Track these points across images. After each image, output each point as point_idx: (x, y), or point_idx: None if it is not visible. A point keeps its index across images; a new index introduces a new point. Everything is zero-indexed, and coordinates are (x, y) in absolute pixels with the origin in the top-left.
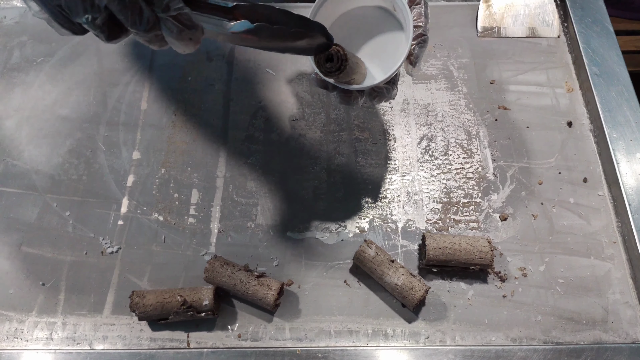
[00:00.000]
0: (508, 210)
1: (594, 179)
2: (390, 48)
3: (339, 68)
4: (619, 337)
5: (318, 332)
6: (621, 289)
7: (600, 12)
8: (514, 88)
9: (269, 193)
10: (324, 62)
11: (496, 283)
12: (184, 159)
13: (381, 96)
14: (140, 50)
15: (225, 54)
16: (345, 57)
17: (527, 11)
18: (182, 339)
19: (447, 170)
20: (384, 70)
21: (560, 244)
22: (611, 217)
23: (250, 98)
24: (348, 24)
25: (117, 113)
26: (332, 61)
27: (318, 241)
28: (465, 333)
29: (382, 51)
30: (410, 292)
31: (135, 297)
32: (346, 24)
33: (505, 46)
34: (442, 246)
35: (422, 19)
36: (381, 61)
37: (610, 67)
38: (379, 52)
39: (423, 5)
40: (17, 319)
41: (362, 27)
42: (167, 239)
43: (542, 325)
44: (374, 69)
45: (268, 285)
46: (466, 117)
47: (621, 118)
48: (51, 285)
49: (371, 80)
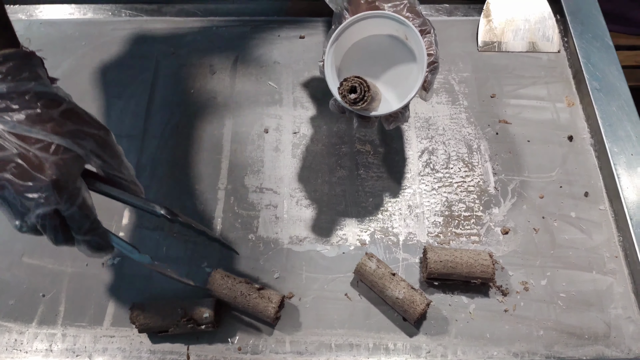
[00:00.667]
0: (509, 223)
1: (595, 193)
2: (404, 74)
3: (363, 98)
4: (621, 352)
5: (318, 346)
6: (623, 304)
7: (600, 27)
8: (515, 102)
9: (270, 205)
10: (347, 94)
11: (498, 297)
12: (186, 171)
13: (397, 120)
14: (144, 63)
15: (228, 68)
16: (367, 87)
17: (527, 26)
18: (182, 352)
19: (448, 183)
20: (399, 96)
21: (562, 258)
22: (613, 232)
23: (252, 110)
24: (362, 51)
25: (120, 125)
26: (356, 92)
27: (319, 254)
28: (467, 347)
29: (396, 77)
30: (411, 305)
31: (135, 309)
32: (360, 51)
33: (505, 60)
34: (443, 259)
35: (433, 47)
36: (395, 87)
37: (610, 82)
38: (392, 79)
39: (433, 35)
40: (16, 330)
41: (376, 54)
42: (168, 250)
43: (544, 340)
44: (388, 95)
45: (269, 297)
46: (467, 130)
47: (622, 132)
48: (51, 296)
49: (387, 106)
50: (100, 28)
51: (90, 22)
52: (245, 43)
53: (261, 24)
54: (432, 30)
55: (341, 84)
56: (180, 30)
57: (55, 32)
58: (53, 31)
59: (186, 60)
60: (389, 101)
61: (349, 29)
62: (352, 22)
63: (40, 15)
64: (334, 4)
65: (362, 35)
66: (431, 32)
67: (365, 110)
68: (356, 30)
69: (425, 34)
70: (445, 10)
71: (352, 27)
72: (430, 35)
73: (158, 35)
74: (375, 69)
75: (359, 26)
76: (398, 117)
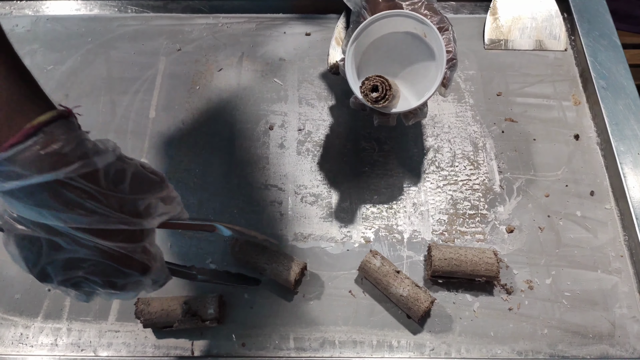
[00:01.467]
0: (514, 222)
1: (601, 192)
2: (422, 71)
3: (384, 97)
4: (625, 351)
5: (322, 342)
6: (628, 303)
7: (608, 25)
8: (521, 100)
9: (275, 202)
10: (369, 92)
11: (502, 295)
12: (191, 167)
13: (416, 116)
14: (149, 59)
15: (233, 64)
16: (389, 86)
17: (534, 24)
18: (186, 347)
19: (454, 181)
20: (418, 93)
21: (567, 257)
22: (618, 231)
23: (258, 107)
24: (381, 48)
25: (125, 121)
26: (377, 91)
27: (323, 251)
28: (471, 345)
29: (414, 75)
30: (415, 303)
31: (140, 304)
32: (379, 48)
33: (512, 59)
34: (448, 257)
35: (451, 44)
36: (413, 85)
37: (617, 81)
38: (411, 76)
39: (451, 32)
40: (22, 324)
41: (394, 51)
42: (174, 246)
43: (548, 339)
44: (407, 92)
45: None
46: (473, 128)
47: (628, 131)
48: (57, 290)
49: (406, 103)
50: (106, 24)
51: (96, 18)
52: (251, 40)
53: (267, 20)
54: (450, 27)
55: (363, 83)
56: (186, 26)
57: (61, 28)
58: (59, 27)
59: (192, 57)
60: (407, 98)
61: (368, 28)
62: (372, 22)
63: (47, 11)
64: (352, 3)
65: (381, 33)
66: (449, 29)
67: (386, 107)
68: (375, 29)
69: (443, 31)
70: (452, 8)
71: (371, 26)
72: (448, 32)
73: (164, 31)
74: (394, 67)
75: (378, 25)
76: (417, 114)
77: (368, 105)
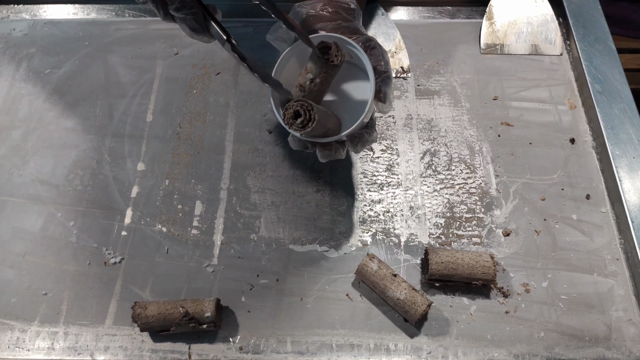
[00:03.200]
0: (511, 225)
1: (596, 195)
2: (360, 95)
3: (310, 118)
4: (622, 354)
5: (320, 346)
6: (624, 306)
7: (603, 30)
8: (517, 104)
9: (272, 205)
10: (292, 120)
11: (499, 299)
12: (188, 171)
13: (363, 141)
14: (147, 63)
15: (231, 68)
16: (310, 106)
17: (529, 29)
18: (183, 351)
19: (450, 185)
20: (359, 116)
21: (563, 260)
22: (614, 234)
23: (255, 111)
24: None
25: (122, 125)
26: (300, 116)
27: (321, 254)
28: (468, 349)
29: (352, 99)
30: (412, 306)
31: (137, 308)
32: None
33: (508, 63)
34: (444, 261)
35: (380, 60)
36: (354, 109)
37: (612, 85)
38: (348, 101)
39: (378, 48)
40: (19, 328)
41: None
42: (170, 250)
43: (545, 342)
44: (349, 118)
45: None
46: (469, 132)
47: (624, 135)
48: (54, 294)
49: (346, 128)
50: (104, 28)
51: (93, 22)
52: (249, 44)
53: (264, 25)
54: (378, 45)
55: (284, 114)
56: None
57: (58, 32)
58: (56, 31)
59: (189, 61)
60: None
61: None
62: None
63: (44, 15)
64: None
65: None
66: (376, 46)
67: (321, 136)
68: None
69: (371, 49)
70: (448, 13)
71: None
72: (375, 49)
73: (161, 35)
74: (330, 95)
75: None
76: (364, 138)
77: (296, 135)
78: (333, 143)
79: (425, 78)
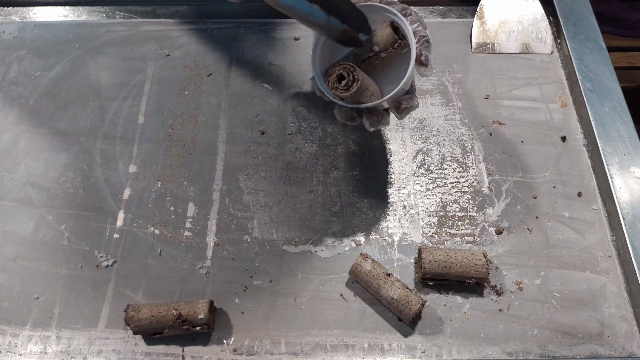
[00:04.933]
0: (503, 224)
1: (588, 193)
2: (398, 62)
3: (354, 79)
4: (614, 351)
5: (314, 346)
6: (617, 303)
7: (593, 28)
8: (508, 103)
9: (265, 206)
10: (336, 84)
11: (492, 297)
12: (181, 173)
13: (407, 107)
14: (138, 64)
15: (223, 69)
16: (353, 67)
17: (520, 28)
18: (177, 354)
19: (443, 184)
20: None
21: (556, 257)
22: (606, 231)
23: (247, 112)
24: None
25: (114, 127)
26: (345, 78)
27: (314, 254)
28: (462, 347)
29: (391, 67)
30: (406, 305)
31: (130, 310)
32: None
33: (499, 62)
34: (438, 259)
35: (417, 24)
36: (394, 77)
37: (603, 83)
38: (390, 70)
39: (414, 14)
40: (10, 332)
41: None
42: (163, 252)
43: (538, 339)
44: (389, 88)
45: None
46: (461, 131)
47: (614, 133)
48: (46, 298)
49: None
50: (94, 30)
51: (84, 24)
52: (240, 45)
53: (256, 25)
54: (412, 11)
55: (328, 80)
56: (174, 32)
57: (49, 34)
58: (47, 33)
59: (181, 62)
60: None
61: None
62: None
63: (34, 17)
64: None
65: None
66: (412, 13)
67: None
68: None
69: (407, 15)
70: (439, 12)
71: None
72: (412, 16)
73: (152, 37)
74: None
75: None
76: (408, 103)
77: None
78: (379, 110)
79: (417, 77)
